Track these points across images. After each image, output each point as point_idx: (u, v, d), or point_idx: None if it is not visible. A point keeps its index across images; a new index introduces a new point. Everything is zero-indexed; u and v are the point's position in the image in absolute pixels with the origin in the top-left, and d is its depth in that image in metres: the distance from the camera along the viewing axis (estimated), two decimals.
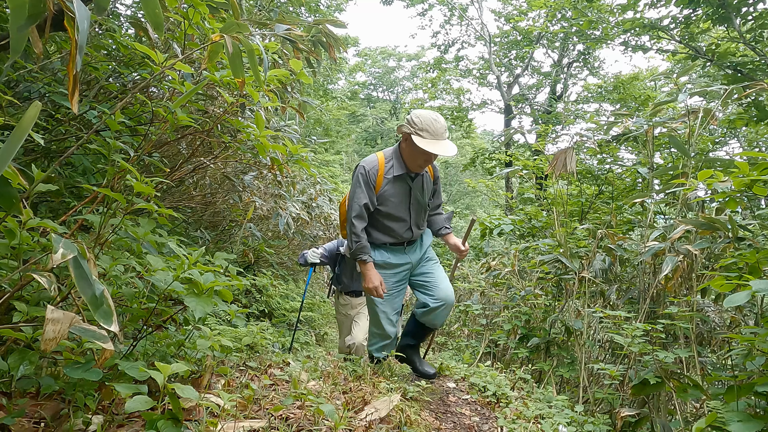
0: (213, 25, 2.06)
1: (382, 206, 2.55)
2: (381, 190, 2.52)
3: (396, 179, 2.53)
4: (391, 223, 2.61)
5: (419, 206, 2.66)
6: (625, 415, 2.37)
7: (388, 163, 2.54)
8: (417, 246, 2.77)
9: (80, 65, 1.01)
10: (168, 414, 1.14)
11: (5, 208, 0.99)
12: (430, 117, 2.39)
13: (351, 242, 2.52)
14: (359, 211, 2.49)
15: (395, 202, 2.56)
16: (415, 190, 2.59)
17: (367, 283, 2.54)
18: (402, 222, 2.62)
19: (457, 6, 15.54)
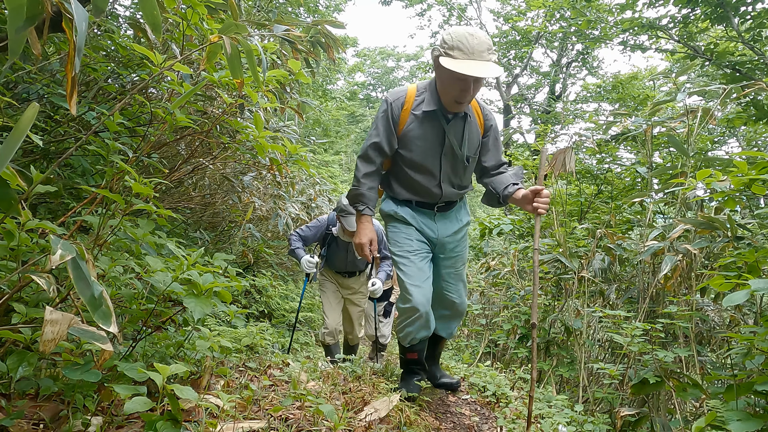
0: (211, 26, 2.06)
1: (405, 150, 2.05)
2: (405, 128, 2.03)
3: (426, 117, 2.01)
4: (415, 175, 2.09)
5: (455, 159, 2.08)
6: (625, 415, 2.37)
7: (419, 96, 2.04)
8: (449, 220, 2.21)
9: (79, 66, 1.01)
10: (167, 415, 1.14)
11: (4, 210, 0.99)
12: (465, 32, 1.85)
13: (351, 186, 2.13)
14: (365, 152, 2.07)
15: (422, 147, 2.04)
16: (450, 136, 2.02)
17: (356, 237, 2.11)
18: (429, 176, 2.09)
19: (456, 6, 15.55)
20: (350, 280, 3.90)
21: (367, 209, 2.10)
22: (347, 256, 3.79)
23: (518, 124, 16.36)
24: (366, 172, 2.07)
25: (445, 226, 2.19)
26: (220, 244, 4.59)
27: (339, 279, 3.88)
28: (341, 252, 3.77)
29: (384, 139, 2.04)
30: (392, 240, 2.17)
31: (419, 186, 2.10)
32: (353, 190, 2.09)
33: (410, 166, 2.08)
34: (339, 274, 3.85)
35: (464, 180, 2.16)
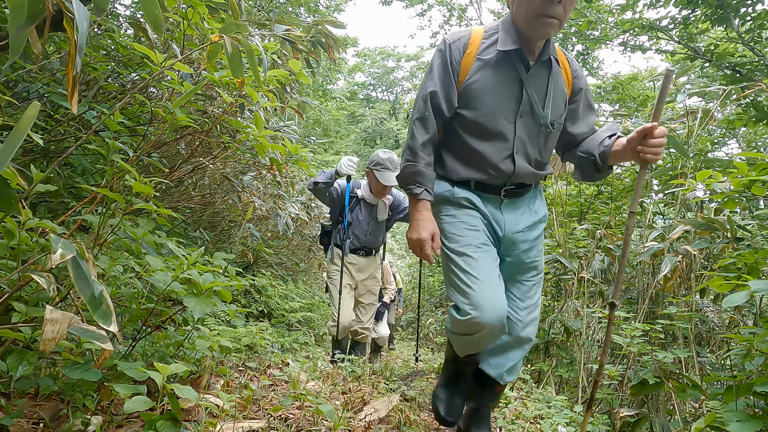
0: (212, 26, 2.06)
1: (468, 109, 1.54)
2: (468, 79, 1.52)
3: (499, 62, 1.52)
4: (479, 144, 1.55)
5: (535, 123, 1.55)
6: (624, 415, 2.37)
7: (488, 37, 1.56)
8: (520, 211, 1.65)
9: (79, 66, 1.01)
10: (167, 414, 1.14)
11: (4, 209, 0.99)
12: None
13: (403, 160, 1.60)
14: (423, 109, 1.55)
15: (491, 104, 1.51)
16: (530, 89, 1.51)
17: (412, 232, 1.54)
18: (499, 143, 1.54)
19: (456, 6, 15.55)
20: (365, 261, 3.53)
21: (425, 192, 1.55)
22: (368, 227, 3.46)
23: None
24: (424, 140, 1.55)
25: (515, 219, 1.62)
26: (220, 243, 4.59)
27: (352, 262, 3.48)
28: (363, 222, 3.44)
29: (442, 91, 1.54)
30: (448, 232, 1.58)
31: (484, 159, 1.55)
32: (408, 167, 1.56)
33: (473, 131, 1.55)
34: (354, 254, 3.48)
35: (544, 154, 1.62)
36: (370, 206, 3.45)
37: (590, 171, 1.64)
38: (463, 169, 1.61)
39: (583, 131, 1.68)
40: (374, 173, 3.27)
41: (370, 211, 3.46)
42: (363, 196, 3.42)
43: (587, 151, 1.62)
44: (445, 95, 1.56)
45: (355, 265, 3.49)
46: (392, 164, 3.25)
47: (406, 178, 1.58)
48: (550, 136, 1.61)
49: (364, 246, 3.50)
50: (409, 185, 1.58)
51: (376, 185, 3.31)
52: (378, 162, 3.27)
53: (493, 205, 1.64)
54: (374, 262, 3.62)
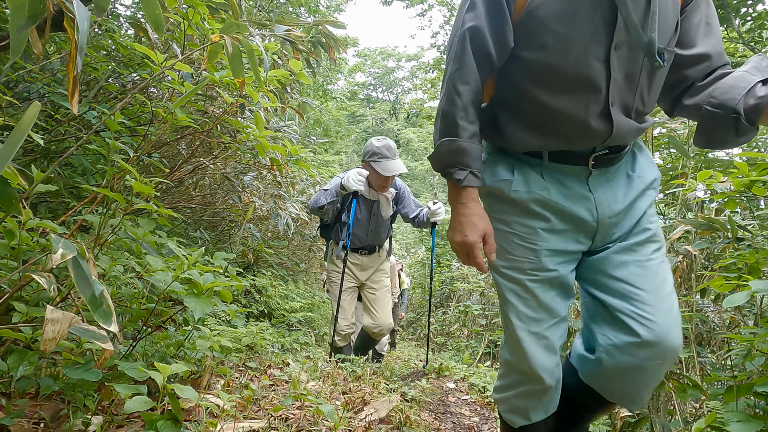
0: (212, 26, 2.06)
1: (532, 49, 1.07)
2: (530, 3, 1.05)
3: None
4: (553, 97, 1.08)
5: (634, 54, 1.05)
6: (625, 416, 2.37)
7: None
8: (618, 179, 1.19)
9: (80, 66, 1.01)
10: (167, 414, 1.14)
11: (5, 209, 0.99)
12: None
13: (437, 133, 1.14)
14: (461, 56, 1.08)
15: (568, 35, 1.03)
16: (626, 3, 1.00)
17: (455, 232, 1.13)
18: (586, 90, 1.06)
19: (457, 6, 15.55)
20: (369, 259, 3.26)
21: (471, 176, 1.11)
22: (369, 225, 3.16)
23: None
24: (466, 101, 1.08)
25: (611, 196, 1.16)
26: (221, 243, 4.59)
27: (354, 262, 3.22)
28: (363, 220, 3.14)
29: (489, 25, 1.07)
30: (498, 245, 1.18)
31: (563, 119, 1.08)
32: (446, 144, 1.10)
33: (544, 81, 1.08)
34: (356, 253, 3.21)
35: (647, 101, 1.12)
36: (369, 202, 3.13)
37: (725, 133, 1.07)
38: (531, 137, 1.13)
39: (704, 63, 1.10)
40: (371, 165, 2.93)
41: (370, 207, 3.14)
42: (361, 192, 3.07)
43: (722, 103, 1.04)
44: (495, 31, 1.07)
45: (358, 265, 3.23)
46: (390, 151, 2.95)
47: (443, 159, 1.12)
48: (657, 73, 1.09)
49: (366, 245, 3.21)
50: (449, 168, 1.11)
51: (376, 178, 2.98)
52: (373, 152, 2.94)
53: (577, 182, 1.15)
54: (379, 256, 3.33)
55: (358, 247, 3.19)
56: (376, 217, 3.16)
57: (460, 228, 1.12)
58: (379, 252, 3.32)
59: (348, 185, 2.83)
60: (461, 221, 1.12)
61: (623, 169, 1.21)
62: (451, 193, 1.16)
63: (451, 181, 1.14)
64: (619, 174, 1.20)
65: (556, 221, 1.16)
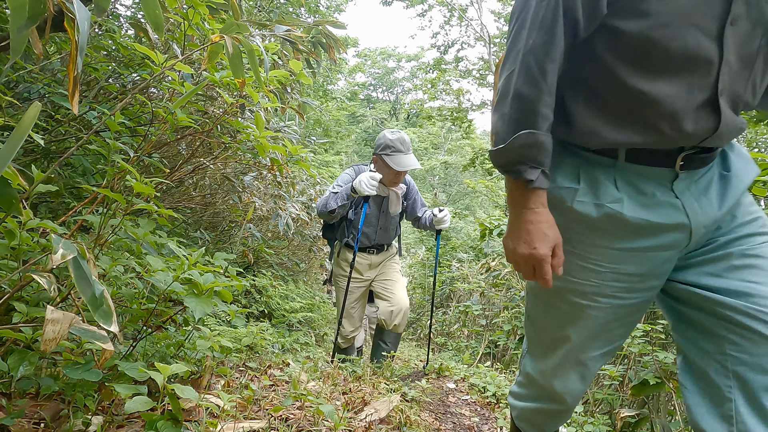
0: (213, 26, 2.06)
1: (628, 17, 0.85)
2: None
3: None
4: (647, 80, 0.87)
5: (752, 31, 0.85)
6: (625, 416, 2.37)
7: None
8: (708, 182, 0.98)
9: (80, 66, 1.01)
10: (168, 414, 1.14)
11: (5, 209, 1.00)
12: None
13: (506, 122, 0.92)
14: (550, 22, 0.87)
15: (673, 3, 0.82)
16: None
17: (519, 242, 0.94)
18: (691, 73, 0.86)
19: (457, 7, 15.56)
20: (378, 257, 3.13)
21: (542, 177, 0.93)
22: (378, 222, 3.02)
23: None
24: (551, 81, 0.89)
25: (708, 200, 0.96)
26: (221, 243, 4.59)
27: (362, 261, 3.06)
28: (371, 216, 3.00)
29: None
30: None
31: (656, 108, 0.88)
32: (525, 136, 0.90)
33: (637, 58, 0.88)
34: (364, 252, 3.06)
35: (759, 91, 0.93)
36: (379, 198, 2.99)
37: None
38: (609, 129, 0.93)
39: None
40: (384, 159, 2.81)
41: (379, 204, 3.00)
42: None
43: None
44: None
45: (366, 263, 3.08)
46: (404, 145, 2.82)
47: (515, 155, 0.90)
48: None
49: (375, 244, 3.06)
50: (519, 165, 0.90)
51: (388, 173, 2.85)
52: (387, 145, 2.81)
53: (659, 187, 0.95)
54: (389, 253, 3.19)
55: (366, 246, 3.04)
56: (386, 214, 3.04)
57: (527, 238, 0.92)
58: (387, 249, 3.19)
59: (360, 189, 2.64)
60: (528, 230, 0.92)
61: (715, 169, 0.99)
62: (516, 196, 0.95)
63: (519, 181, 0.93)
64: (711, 175, 0.98)
65: (629, 239, 0.96)
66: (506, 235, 0.98)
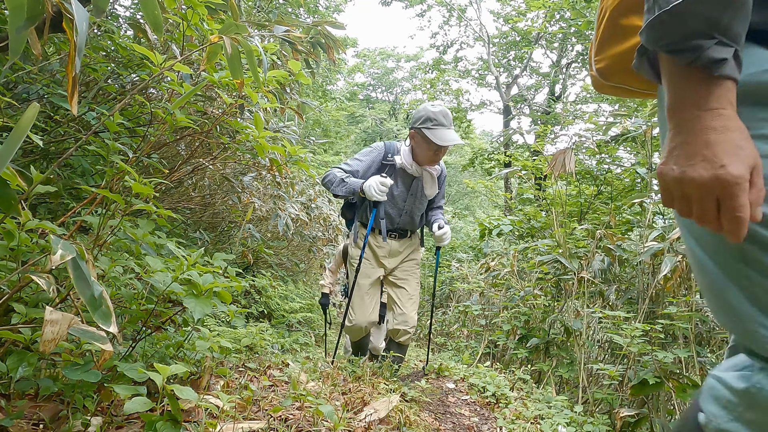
0: (212, 27, 2.06)
1: None
2: None
3: None
4: None
5: None
6: (625, 416, 2.37)
7: None
8: None
9: (79, 67, 1.01)
10: (167, 415, 1.14)
11: (4, 210, 0.99)
12: None
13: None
14: None
15: None
16: None
17: (698, 162, 0.59)
18: None
19: (456, 7, 15.56)
20: (399, 243, 2.80)
21: (733, 61, 0.59)
22: (405, 204, 2.73)
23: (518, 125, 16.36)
24: None
25: None
26: (220, 244, 4.59)
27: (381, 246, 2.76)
28: (398, 198, 2.70)
29: None
30: None
31: None
32: None
33: None
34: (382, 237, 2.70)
35: None
36: (409, 178, 2.69)
37: None
38: None
39: None
40: (423, 133, 2.50)
41: (408, 184, 2.70)
42: (402, 165, 2.64)
43: None
44: None
45: (385, 249, 2.75)
46: (446, 119, 2.52)
47: (696, 20, 0.59)
48: None
49: (397, 228, 2.76)
50: (699, 39, 0.60)
51: (426, 150, 2.55)
52: (428, 118, 2.50)
53: None
54: (411, 243, 2.86)
55: (387, 230, 2.71)
56: (415, 197, 2.72)
57: (709, 154, 0.60)
58: (410, 237, 2.85)
59: (369, 194, 2.46)
60: (710, 142, 0.60)
61: None
62: (686, 91, 0.62)
63: (695, 67, 0.61)
64: None
65: None
66: (665, 159, 0.65)
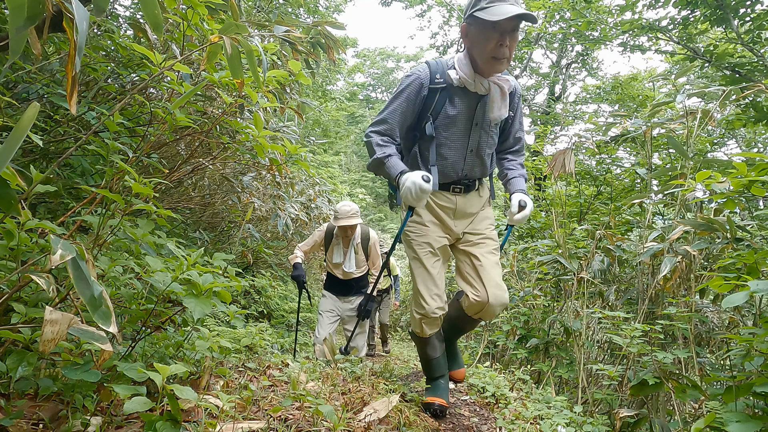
0: (212, 26, 2.06)
1: None
2: None
3: None
4: None
5: None
6: (624, 416, 2.37)
7: None
8: None
9: (79, 66, 1.01)
10: (167, 415, 1.14)
11: (4, 210, 0.99)
12: None
13: None
14: None
15: None
16: None
17: None
18: None
19: (456, 7, 15.57)
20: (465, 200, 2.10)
21: None
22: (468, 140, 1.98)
23: None
24: None
25: None
26: (220, 244, 4.59)
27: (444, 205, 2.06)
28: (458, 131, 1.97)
29: None
30: None
31: None
32: None
33: None
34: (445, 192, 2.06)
35: None
36: (471, 100, 1.91)
37: None
38: None
39: None
40: (478, 17, 1.74)
41: (471, 109, 1.91)
42: (461, 79, 1.88)
43: None
44: None
45: (449, 208, 2.04)
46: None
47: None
48: None
49: (462, 177, 2.02)
50: None
51: (486, 44, 1.78)
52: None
53: None
54: (480, 197, 2.12)
55: (448, 182, 2.01)
56: (481, 127, 1.94)
57: None
58: (479, 190, 2.11)
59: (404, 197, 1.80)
60: None
61: None
62: None
63: None
64: None
65: None
66: None
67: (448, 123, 1.95)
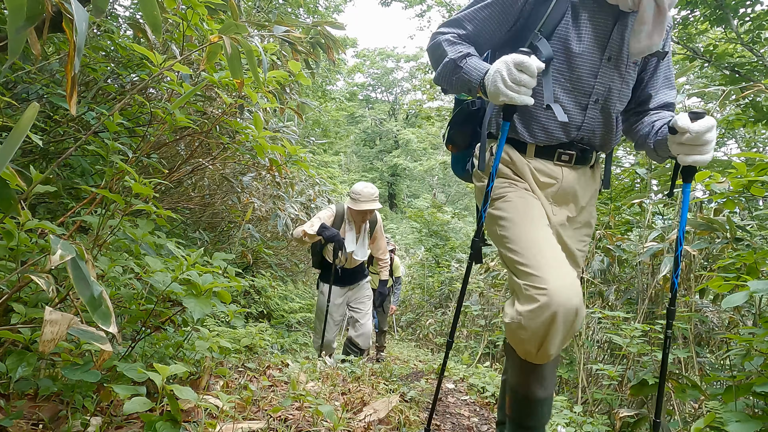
0: (211, 27, 2.06)
1: None
2: None
3: None
4: None
5: None
6: (624, 416, 2.37)
7: None
8: None
9: (78, 66, 1.01)
10: (166, 415, 1.14)
11: (3, 210, 0.99)
12: None
13: None
14: None
15: None
16: None
17: None
18: None
19: (456, 7, 15.57)
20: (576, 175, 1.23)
21: None
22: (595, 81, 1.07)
23: None
24: None
25: None
26: (220, 244, 4.59)
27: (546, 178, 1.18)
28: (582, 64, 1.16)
29: None
30: None
31: None
32: None
33: None
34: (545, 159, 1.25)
35: None
36: (607, 15, 1.29)
37: None
38: None
39: None
40: None
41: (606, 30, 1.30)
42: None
43: None
44: None
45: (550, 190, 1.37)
46: None
47: None
48: None
49: (578, 139, 1.36)
50: None
51: None
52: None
53: None
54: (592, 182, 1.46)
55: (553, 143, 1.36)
56: (616, 61, 1.33)
57: None
58: (594, 169, 1.48)
59: (493, 91, 1.16)
60: None
61: None
62: None
63: None
64: None
65: None
66: None
67: (565, 52, 1.27)
